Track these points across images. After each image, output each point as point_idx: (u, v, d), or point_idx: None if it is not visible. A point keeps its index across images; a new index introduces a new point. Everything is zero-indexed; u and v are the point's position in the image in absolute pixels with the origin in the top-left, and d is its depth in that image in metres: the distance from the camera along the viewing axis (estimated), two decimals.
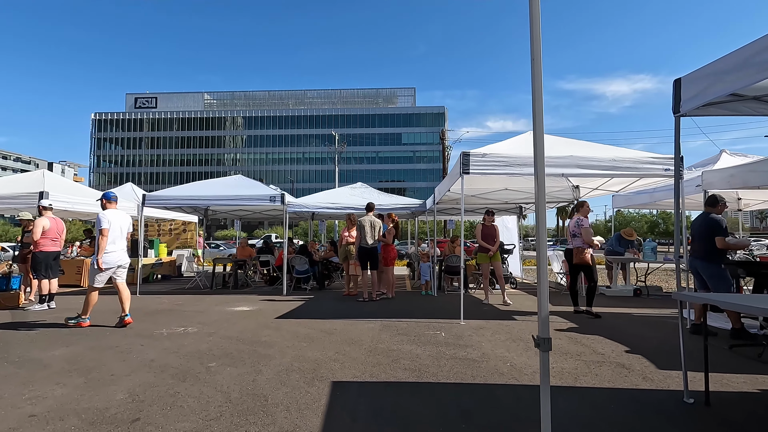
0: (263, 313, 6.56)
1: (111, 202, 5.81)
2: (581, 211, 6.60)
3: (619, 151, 6.19)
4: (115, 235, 5.58)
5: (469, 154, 5.92)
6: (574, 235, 6.43)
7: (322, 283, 10.29)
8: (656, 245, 9.44)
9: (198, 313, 6.64)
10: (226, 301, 8.02)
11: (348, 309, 7.03)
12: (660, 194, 8.86)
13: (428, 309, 7.04)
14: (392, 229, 8.48)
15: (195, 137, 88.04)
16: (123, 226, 5.72)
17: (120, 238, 5.67)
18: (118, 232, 5.64)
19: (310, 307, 7.21)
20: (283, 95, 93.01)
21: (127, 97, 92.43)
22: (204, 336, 5.01)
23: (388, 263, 8.39)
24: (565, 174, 5.97)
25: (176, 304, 7.67)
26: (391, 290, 8.44)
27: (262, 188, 9.73)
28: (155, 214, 13.72)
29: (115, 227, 5.58)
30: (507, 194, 9.53)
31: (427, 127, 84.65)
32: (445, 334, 5.11)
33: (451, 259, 9.21)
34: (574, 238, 6.43)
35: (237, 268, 10.96)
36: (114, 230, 5.56)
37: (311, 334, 5.11)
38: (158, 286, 10.94)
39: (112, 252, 5.55)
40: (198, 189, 9.65)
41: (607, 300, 8.27)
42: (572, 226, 6.46)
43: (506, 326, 5.57)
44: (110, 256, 5.52)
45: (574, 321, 5.91)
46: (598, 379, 3.50)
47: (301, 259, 9.61)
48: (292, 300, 8.10)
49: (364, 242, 7.92)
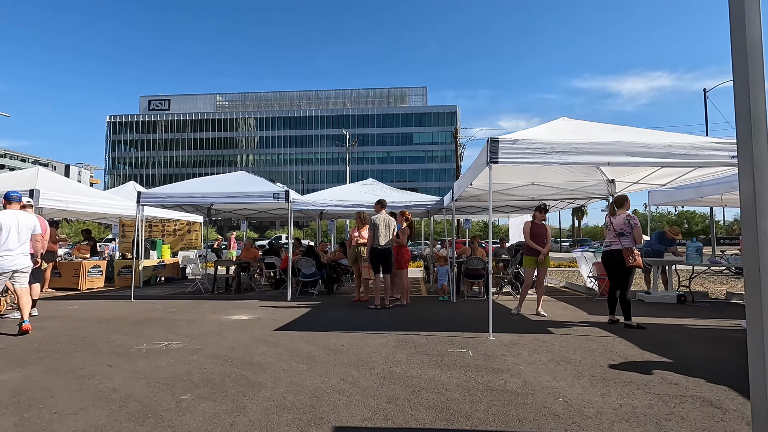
0: (262, 324, 5.80)
1: (11, 202, 5.32)
2: (625, 207, 5.77)
3: (673, 136, 5.27)
4: (8, 238, 5.06)
5: (498, 141, 5.07)
6: (622, 234, 5.58)
7: (330, 288, 9.52)
8: (701, 246, 8.44)
9: (189, 323, 5.91)
10: (224, 308, 7.29)
11: (358, 318, 6.23)
12: (708, 188, 7.87)
13: (449, 318, 6.20)
14: (406, 229, 7.66)
15: (208, 138, 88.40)
16: (22, 228, 5.18)
17: (16, 240, 5.14)
18: (15, 234, 5.11)
19: (316, 316, 6.43)
20: (294, 96, 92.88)
21: (141, 100, 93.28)
22: (187, 354, 4.25)
23: (402, 266, 7.57)
24: (611, 162, 5.08)
25: (169, 311, 6.96)
26: (406, 296, 7.61)
27: (266, 185, 9.00)
28: (159, 214, 13.17)
29: (6, 229, 5.06)
30: (534, 190, 8.63)
31: (439, 127, 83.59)
32: (473, 353, 4.27)
33: (472, 262, 8.35)
34: (622, 238, 5.57)
35: (240, 271, 10.27)
36: (5, 233, 5.05)
37: (313, 352, 4.32)
38: (158, 290, 10.30)
39: (5, 256, 5.02)
40: (197, 186, 8.97)
41: (648, 308, 7.33)
42: (620, 224, 5.62)
43: (545, 343, 4.70)
44: (1, 261, 5.00)
45: (620, 334, 5.02)
46: (686, 424, 2.63)
47: (307, 261, 8.84)
48: (296, 307, 7.33)
49: (376, 243, 7.12)
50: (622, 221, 5.65)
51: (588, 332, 5.24)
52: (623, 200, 5.83)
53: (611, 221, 5.75)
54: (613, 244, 5.65)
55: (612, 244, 5.67)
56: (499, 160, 5.05)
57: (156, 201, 8.70)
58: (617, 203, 5.83)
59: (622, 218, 5.67)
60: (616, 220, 5.70)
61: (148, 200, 8.64)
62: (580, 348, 4.45)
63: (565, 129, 5.78)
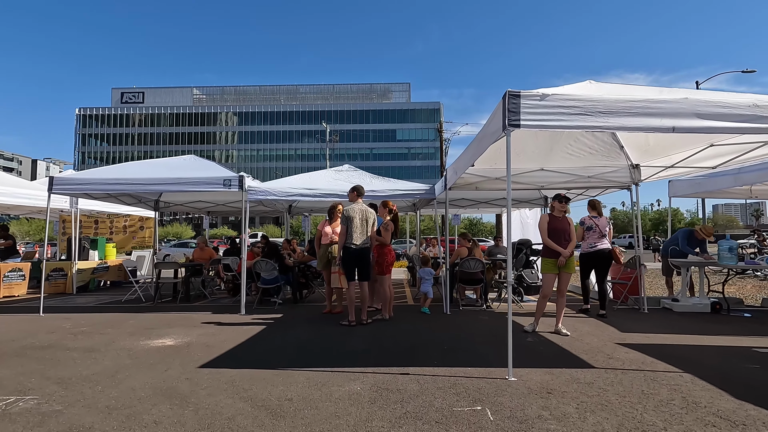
0: (188, 354, 4.15)
1: None
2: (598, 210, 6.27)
3: (757, 96, 3.83)
4: None
5: (520, 95, 3.54)
6: (604, 234, 6.10)
7: (298, 295, 7.89)
8: (736, 245, 7.13)
9: (84, 354, 4.21)
10: (153, 325, 5.58)
11: (324, 342, 4.64)
12: (751, 175, 6.53)
13: (446, 340, 4.66)
14: (390, 224, 6.08)
15: (185, 133, 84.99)
16: None
17: None
18: None
19: (267, 339, 4.80)
20: (274, 90, 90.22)
21: (113, 92, 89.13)
22: (24, 427, 2.59)
23: (384, 270, 6.00)
24: (677, 128, 3.61)
25: (75, 331, 5.23)
26: (389, 308, 6.04)
27: (216, 169, 7.30)
28: (105, 208, 11.28)
29: None
30: (542, 177, 7.15)
31: (422, 123, 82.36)
32: (493, 413, 2.72)
33: (469, 264, 6.84)
34: (604, 238, 6.09)
35: (190, 275, 8.53)
36: None
37: (243, 412, 2.72)
38: (89, 298, 8.49)
39: None
40: (131, 171, 7.19)
41: (680, 319, 5.98)
42: (604, 225, 6.15)
43: (591, 387, 3.20)
44: None
45: (681, 365, 3.57)
46: None
47: (267, 264, 7.18)
48: (247, 323, 5.69)
49: (350, 241, 5.53)
50: (605, 223, 6.19)
51: (641, 364, 3.77)
52: (600, 203, 6.34)
53: (596, 223, 6.14)
54: (599, 243, 6.08)
55: (598, 244, 6.09)
56: (521, 122, 3.52)
57: (74, 189, 6.90)
58: (597, 206, 6.29)
59: (605, 220, 6.23)
60: (601, 222, 6.15)
61: (64, 187, 6.84)
62: (647, 398, 2.97)
63: (600, 92, 4.29)
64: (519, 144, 6.04)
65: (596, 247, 6.09)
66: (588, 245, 6.19)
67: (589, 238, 6.18)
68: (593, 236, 6.15)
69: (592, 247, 6.13)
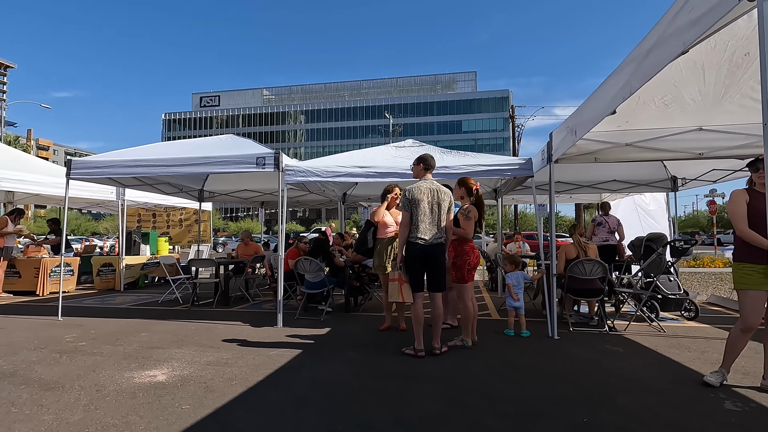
0: (173, 403, 2.72)
1: None
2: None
3: None
4: None
5: None
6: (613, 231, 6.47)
7: (352, 302, 6.36)
8: None
9: (40, 393, 2.95)
10: (160, 343, 4.32)
11: (371, 395, 2.99)
12: None
13: (571, 396, 2.78)
14: (472, 209, 4.25)
15: (258, 132, 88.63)
16: None
17: None
18: None
19: (291, 381, 3.26)
20: (338, 87, 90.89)
21: (193, 97, 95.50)
22: None
23: (464, 277, 4.19)
24: None
25: (69, 347, 4.09)
26: (471, 331, 4.24)
27: (250, 147, 5.97)
28: (156, 200, 10.67)
29: None
30: (700, 141, 4.83)
31: (489, 113, 78.11)
32: None
33: (582, 268, 4.81)
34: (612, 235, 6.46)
35: (235, 273, 7.40)
36: None
37: None
38: (129, 297, 7.69)
39: None
40: (155, 151, 6.09)
41: None
42: (614, 222, 6.53)
43: None
44: None
45: None
46: None
47: (311, 263, 5.70)
48: (277, 345, 4.22)
49: (416, 235, 3.83)
50: (616, 221, 6.64)
51: None
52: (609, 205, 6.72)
53: (606, 220, 6.62)
54: (610, 239, 6.47)
55: (609, 239, 6.47)
56: None
57: (95, 173, 5.89)
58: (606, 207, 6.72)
59: (615, 218, 6.68)
60: (611, 220, 6.63)
61: (84, 171, 5.88)
62: None
63: None
64: (670, 86, 3.92)
65: (607, 242, 6.62)
66: (602, 239, 6.62)
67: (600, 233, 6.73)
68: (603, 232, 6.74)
69: (604, 241, 6.58)
